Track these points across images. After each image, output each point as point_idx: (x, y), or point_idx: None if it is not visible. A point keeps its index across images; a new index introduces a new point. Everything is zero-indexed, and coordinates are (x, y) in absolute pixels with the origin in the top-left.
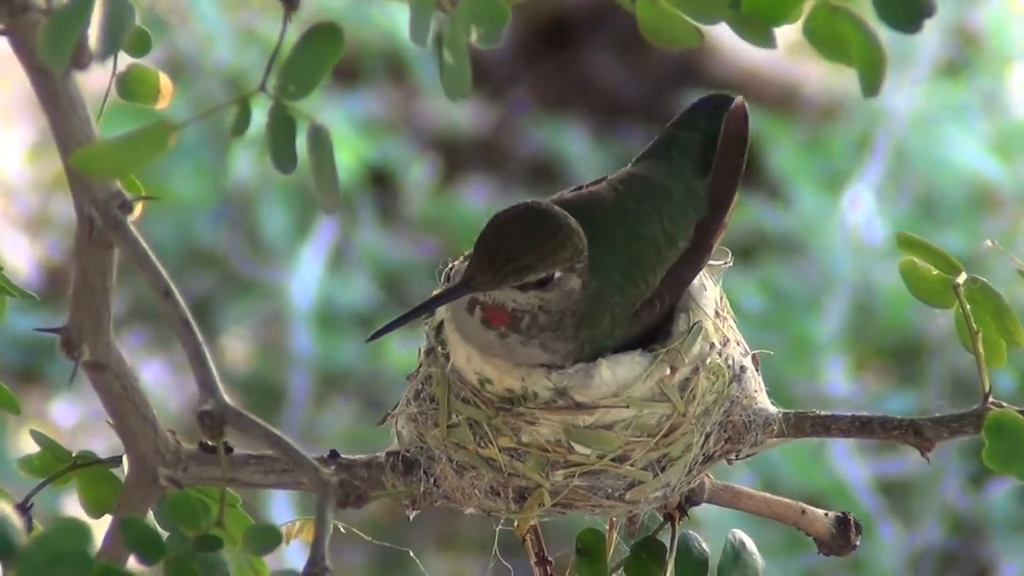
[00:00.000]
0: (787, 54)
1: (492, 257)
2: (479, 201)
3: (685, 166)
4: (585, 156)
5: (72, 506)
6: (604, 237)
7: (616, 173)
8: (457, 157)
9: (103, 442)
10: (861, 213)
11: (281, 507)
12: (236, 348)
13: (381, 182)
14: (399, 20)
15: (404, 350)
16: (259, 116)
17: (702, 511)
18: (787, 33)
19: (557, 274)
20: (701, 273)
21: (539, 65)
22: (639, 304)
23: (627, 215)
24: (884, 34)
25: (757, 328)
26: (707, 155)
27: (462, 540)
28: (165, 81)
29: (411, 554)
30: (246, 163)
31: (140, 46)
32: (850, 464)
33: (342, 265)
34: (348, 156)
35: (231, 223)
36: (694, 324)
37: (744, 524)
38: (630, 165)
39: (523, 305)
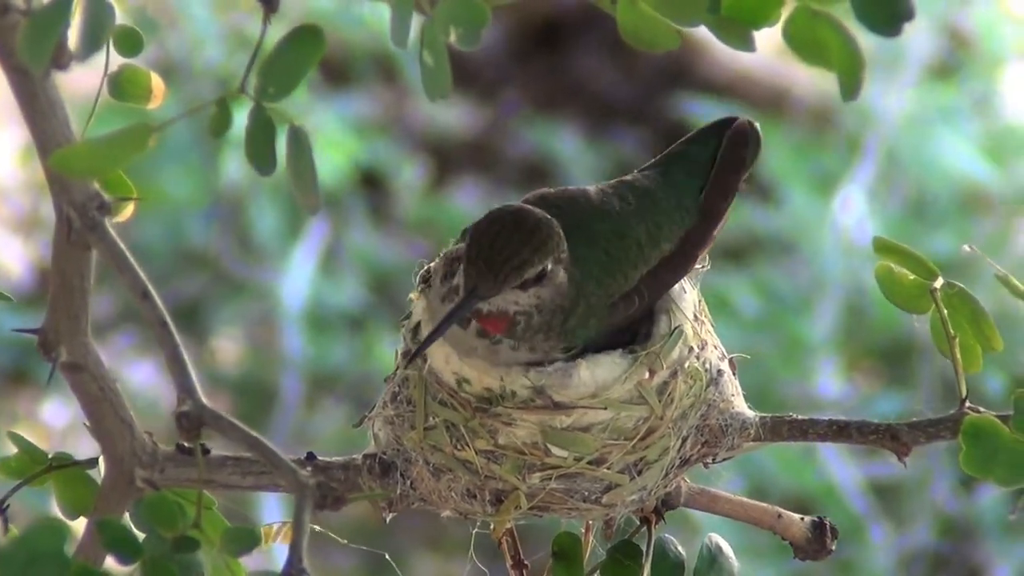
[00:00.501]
0: (778, 56)
1: (488, 262)
2: (470, 202)
3: (681, 178)
4: (576, 157)
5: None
6: (584, 232)
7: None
8: (448, 158)
9: (93, 444)
10: (852, 215)
11: (272, 508)
12: (227, 349)
13: (372, 183)
14: (388, 22)
15: (394, 352)
16: (245, 117)
17: (692, 515)
18: (777, 35)
19: (549, 266)
20: None
21: (530, 66)
22: (616, 297)
23: (610, 214)
24: (873, 37)
25: (748, 329)
26: (709, 172)
27: (450, 542)
28: (157, 81)
29: (387, 556)
30: (237, 164)
31: (132, 46)
32: (840, 466)
33: (333, 266)
34: (339, 157)
35: (222, 224)
36: (675, 328)
37: (731, 527)
38: (630, 175)
39: (524, 306)
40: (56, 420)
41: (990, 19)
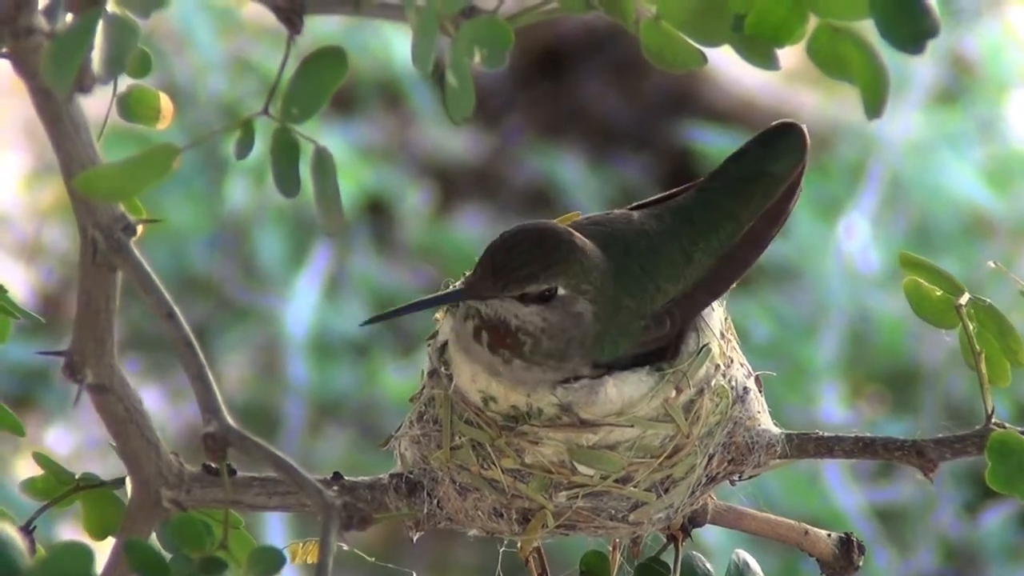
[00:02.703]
0: (782, 81)
1: (496, 267)
2: (474, 229)
3: (719, 198)
4: (580, 183)
5: (68, 533)
6: (621, 244)
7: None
8: (452, 185)
9: (99, 469)
10: (856, 241)
11: (275, 530)
12: (231, 376)
13: (377, 210)
14: (395, 48)
15: (399, 378)
16: (256, 142)
17: (705, 536)
18: (782, 60)
19: (561, 291)
20: None
21: (533, 93)
22: (649, 318)
23: (648, 233)
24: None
25: (753, 354)
26: (750, 186)
27: (457, 566)
28: (166, 101)
29: (414, 574)
30: (241, 190)
31: (141, 68)
32: (844, 491)
33: (337, 292)
34: (344, 183)
35: (226, 251)
36: (703, 346)
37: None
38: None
39: (525, 322)
40: (60, 447)
41: (994, 45)
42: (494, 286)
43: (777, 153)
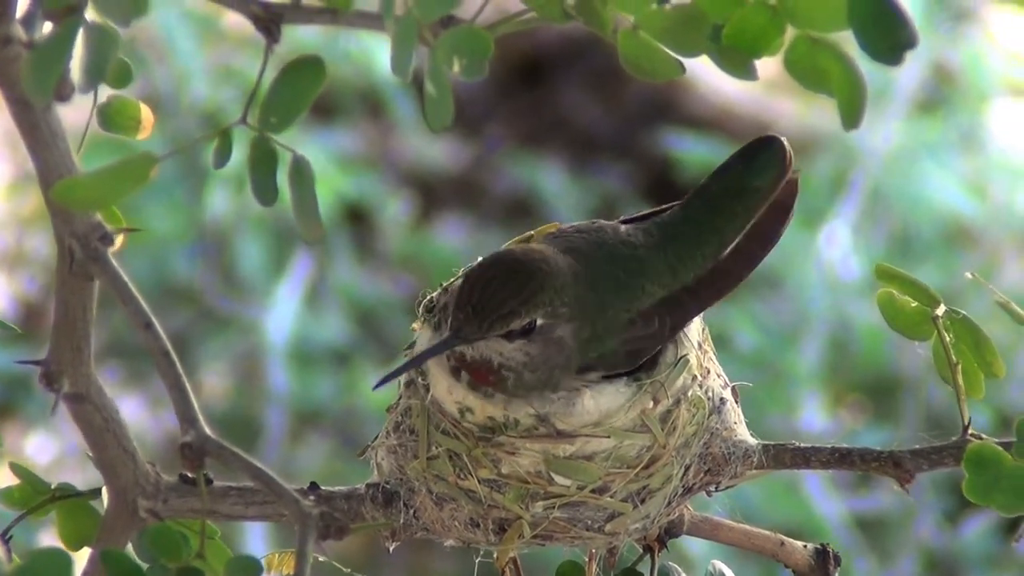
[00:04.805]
0: (762, 90)
1: (475, 307)
2: (455, 238)
3: (703, 214)
4: (561, 193)
5: (48, 542)
6: (606, 251)
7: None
8: (433, 194)
9: (81, 477)
10: (837, 250)
11: (256, 540)
12: (212, 385)
13: (357, 218)
14: (375, 56)
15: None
16: (235, 150)
17: (684, 546)
18: (762, 69)
19: (539, 321)
20: None
21: (514, 103)
22: (636, 313)
23: (633, 244)
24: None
25: (735, 363)
26: (732, 201)
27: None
28: (146, 112)
29: None
30: (222, 199)
31: (121, 78)
32: (825, 500)
33: (318, 302)
34: (324, 192)
35: (207, 259)
36: (681, 357)
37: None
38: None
39: (509, 359)
40: (41, 455)
41: (975, 54)
42: (479, 328)
43: (758, 167)
